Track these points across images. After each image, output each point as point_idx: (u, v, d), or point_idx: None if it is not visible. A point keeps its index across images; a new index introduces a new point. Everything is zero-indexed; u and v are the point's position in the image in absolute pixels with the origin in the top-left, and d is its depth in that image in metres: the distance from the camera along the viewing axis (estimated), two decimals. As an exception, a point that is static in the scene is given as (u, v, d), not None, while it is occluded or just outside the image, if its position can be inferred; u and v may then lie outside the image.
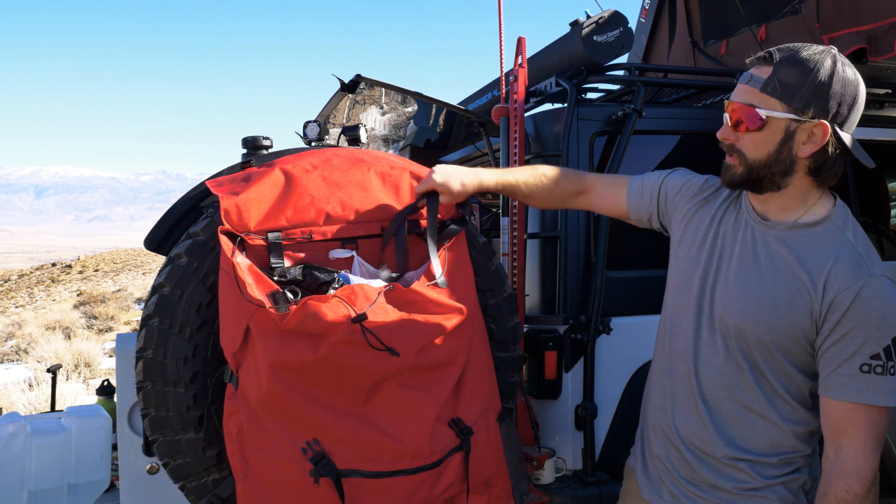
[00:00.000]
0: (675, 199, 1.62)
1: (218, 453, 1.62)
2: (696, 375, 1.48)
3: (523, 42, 2.44)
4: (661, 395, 1.57)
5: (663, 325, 1.60)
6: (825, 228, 1.38)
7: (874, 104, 3.10)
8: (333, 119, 3.17)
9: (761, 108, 1.33)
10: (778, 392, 1.41)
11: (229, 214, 1.51)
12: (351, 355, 1.42)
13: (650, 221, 1.69)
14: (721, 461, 1.45)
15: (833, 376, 1.32)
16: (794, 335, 1.36)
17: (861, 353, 1.29)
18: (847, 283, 1.30)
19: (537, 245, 2.44)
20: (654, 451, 1.59)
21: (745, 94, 1.36)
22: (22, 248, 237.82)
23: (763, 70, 1.35)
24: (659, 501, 1.56)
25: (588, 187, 1.75)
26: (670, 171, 1.69)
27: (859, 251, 1.34)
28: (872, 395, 1.28)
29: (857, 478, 1.29)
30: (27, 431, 2.45)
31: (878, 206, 3.30)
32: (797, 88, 1.30)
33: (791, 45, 1.35)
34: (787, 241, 1.40)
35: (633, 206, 1.69)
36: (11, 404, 6.88)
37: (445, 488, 1.50)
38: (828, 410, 1.34)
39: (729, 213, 1.51)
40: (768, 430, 1.42)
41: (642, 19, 4.47)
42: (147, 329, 1.57)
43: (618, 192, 1.72)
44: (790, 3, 3.16)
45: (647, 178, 1.69)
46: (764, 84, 1.32)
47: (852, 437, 1.30)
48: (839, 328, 1.31)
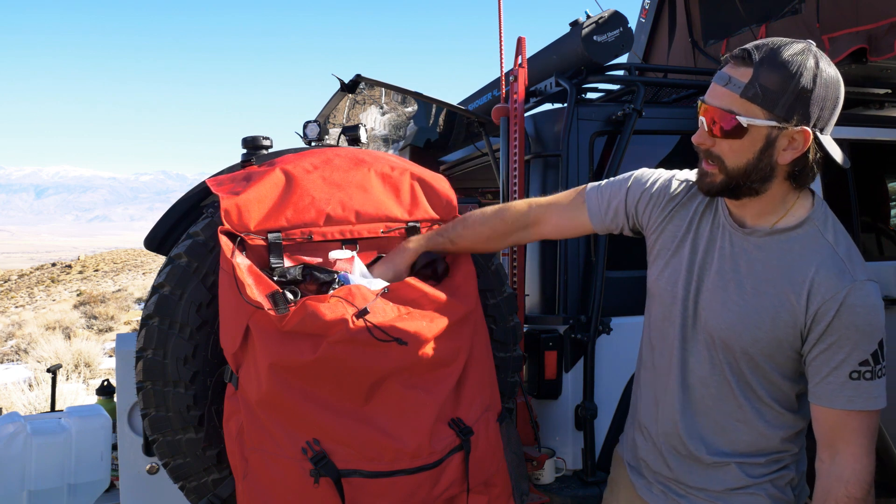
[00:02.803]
0: (645, 209, 1.55)
1: (218, 453, 1.62)
2: (681, 385, 1.47)
3: (523, 42, 2.44)
4: (649, 402, 1.56)
5: (647, 330, 1.58)
6: (805, 232, 1.34)
7: (874, 104, 3.10)
8: (333, 119, 3.17)
9: (742, 116, 1.25)
10: (764, 400, 1.40)
11: (229, 214, 1.51)
12: (350, 354, 1.42)
13: (622, 231, 1.63)
14: (708, 464, 1.45)
15: (822, 385, 1.30)
16: (779, 346, 1.34)
17: (849, 360, 1.27)
18: (831, 293, 1.27)
19: (537, 245, 2.44)
20: (642, 451, 1.59)
21: (724, 99, 1.27)
22: (22, 248, 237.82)
23: (741, 72, 1.25)
24: (649, 496, 1.56)
25: (535, 220, 1.66)
26: (629, 177, 1.59)
27: (841, 255, 1.31)
28: (863, 401, 1.28)
29: (857, 482, 1.28)
30: (27, 431, 2.44)
31: (878, 206, 3.30)
32: (779, 94, 1.22)
33: (770, 43, 1.26)
34: (765, 248, 1.36)
35: (600, 222, 1.61)
36: (11, 404, 6.87)
37: (445, 488, 1.50)
38: (819, 417, 1.33)
39: (705, 219, 1.46)
40: (755, 437, 1.42)
41: (642, 19, 4.48)
42: (147, 329, 1.57)
43: (576, 214, 1.62)
44: (790, 3, 3.16)
45: (609, 191, 1.60)
46: (744, 89, 1.24)
47: (848, 443, 1.29)
48: (826, 338, 1.29)
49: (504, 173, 2.45)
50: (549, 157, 2.43)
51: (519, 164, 2.37)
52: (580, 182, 2.38)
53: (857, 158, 2.79)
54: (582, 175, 2.39)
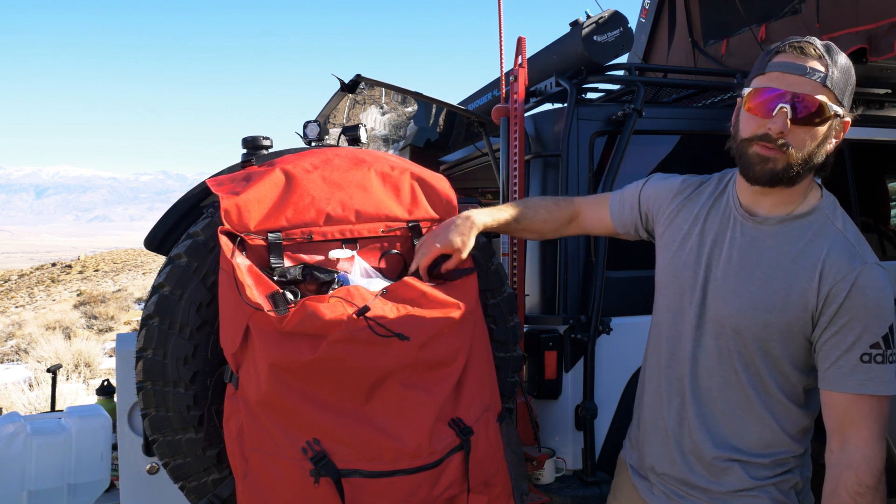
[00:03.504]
0: (657, 204, 1.62)
1: (218, 453, 1.62)
2: (689, 377, 1.47)
3: (523, 42, 2.44)
4: (655, 397, 1.56)
5: (655, 326, 1.60)
6: (815, 219, 1.38)
7: (874, 104, 3.10)
8: (333, 119, 3.17)
9: (829, 103, 1.29)
10: (772, 392, 1.40)
11: (229, 214, 1.51)
12: (350, 354, 1.42)
13: (637, 232, 1.70)
14: (713, 463, 1.45)
15: (834, 369, 1.31)
16: (791, 331, 1.35)
17: (860, 343, 1.28)
18: (842, 273, 1.30)
19: (537, 245, 2.44)
20: (646, 451, 1.59)
21: (809, 87, 1.29)
22: (22, 248, 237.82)
23: (814, 62, 1.29)
24: (651, 497, 1.56)
25: (576, 212, 1.77)
26: (646, 178, 1.70)
27: (850, 240, 1.34)
28: (874, 384, 1.28)
29: (868, 469, 1.28)
30: (27, 431, 2.44)
31: (878, 206, 3.30)
32: (845, 85, 1.31)
33: (816, 39, 1.33)
34: (777, 236, 1.39)
35: (618, 220, 1.71)
36: (11, 404, 6.87)
37: (445, 488, 1.50)
38: (830, 403, 1.33)
39: (714, 212, 1.49)
40: (762, 430, 1.42)
41: (642, 19, 4.48)
42: (147, 329, 1.57)
43: (601, 211, 1.73)
44: (790, 3, 3.16)
45: (626, 191, 1.71)
46: (825, 78, 1.28)
47: (859, 429, 1.29)
48: (837, 319, 1.30)
49: (504, 173, 2.45)
50: (549, 157, 2.43)
51: (519, 164, 2.37)
52: (580, 182, 2.38)
53: (857, 158, 2.79)
54: (582, 175, 2.39)
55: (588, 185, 2.39)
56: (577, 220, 1.78)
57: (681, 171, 1.72)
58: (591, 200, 1.79)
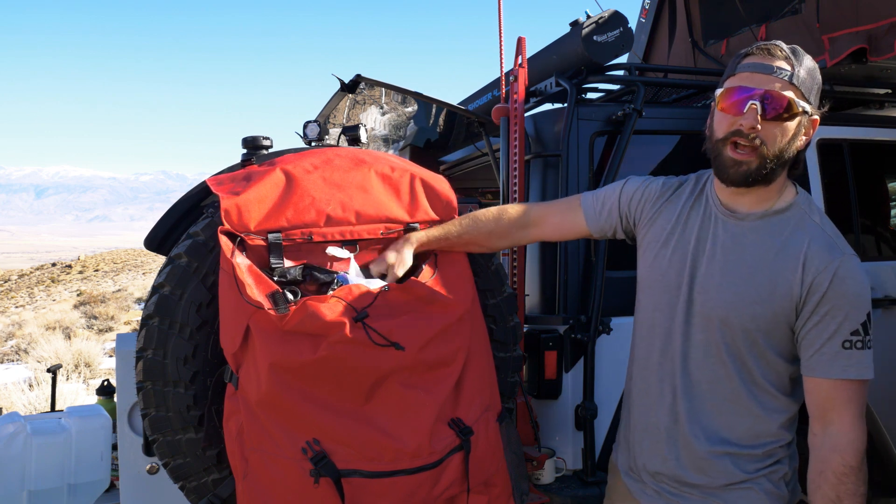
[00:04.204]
0: (639, 206, 1.63)
1: (218, 453, 1.62)
2: (680, 372, 1.50)
3: (523, 42, 2.44)
4: (644, 395, 1.58)
5: (639, 325, 1.62)
6: (793, 214, 1.44)
7: (874, 104, 3.10)
8: (333, 119, 3.17)
9: (796, 99, 1.35)
10: (759, 382, 1.44)
11: (229, 214, 1.51)
12: (350, 354, 1.42)
13: (615, 234, 1.70)
14: (705, 457, 1.47)
15: (817, 356, 1.37)
16: (777, 322, 1.40)
17: (841, 330, 1.34)
18: (823, 264, 1.36)
19: (537, 245, 2.44)
20: (637, 451, 1.60)
21: (777, 84, 1.35)
22: (22, 248, 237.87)
23: (780, 62, 1.36)
24: (644, 497, 1.58)
25: (535, 220, 1.73)
26: (623, 180, 1.70)
27: (828, 233, 1.41)
28: (856, 369, 1.34)
29: (852, 451, 1.34)
30: (27, 431, 2.44)
31: (878, 206, 3.30)
32: (811, 84, 1.38)
33: (783, 42, 1.40)
34: (759, 230, 1.44)
35: (594, 222, 1.69)
36: (11, 404, 6.87)
37: (445, 488, 1.50)
38: (813, 389, 1.38)
39: (695, 212, 1.53)
40: (752, 421, 1.45)
41: (642, 19, 4.47)
42: (147, 329, 1.57)
43: (573, 216, 1.71)
44: (790, 3, 3.16)
45: (603, 193, 1.69)
46: (791, 76, 1.35)
47: (841, 413, 1.35)
48: (820, 308, 1.36)
49: (504, 173, 2.45)
50: (549, 157, 2.43)
51: (519, 164, 2.37)
52: (580, 182, 2.39)
53: (857, 158, 2.79)
54: (582, 175, 2.39)
55: (588, 185, 2.40)
56: (536, 227, 1.73)
57: (681, 171, 1.72)
58: (556, 206, 1.76)
